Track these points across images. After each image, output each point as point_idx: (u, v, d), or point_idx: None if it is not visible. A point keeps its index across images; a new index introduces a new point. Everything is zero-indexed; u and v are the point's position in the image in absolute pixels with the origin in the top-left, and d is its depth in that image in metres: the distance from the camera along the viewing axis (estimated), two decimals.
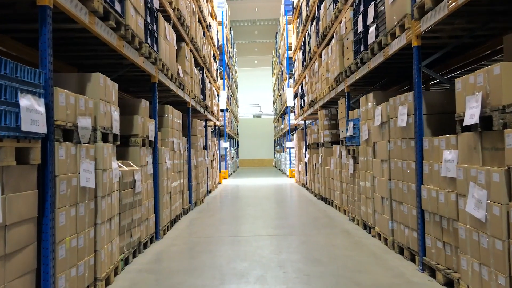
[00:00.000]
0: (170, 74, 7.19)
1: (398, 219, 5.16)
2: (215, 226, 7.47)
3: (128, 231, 4.99)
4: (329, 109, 10.32)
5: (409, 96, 4.67)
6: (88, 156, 3.69)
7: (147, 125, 5.91)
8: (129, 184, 4.97)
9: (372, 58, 5.94)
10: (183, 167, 8.77)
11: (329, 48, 9.14)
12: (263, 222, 7.85)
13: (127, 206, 4.89)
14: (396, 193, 5.19)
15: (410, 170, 4.71)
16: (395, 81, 8.28)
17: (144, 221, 5.69)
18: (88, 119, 3.68)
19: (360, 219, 7.00)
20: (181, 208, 8.52)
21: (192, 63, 9.79)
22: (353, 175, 7.48)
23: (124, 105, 5.73)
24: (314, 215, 8.51)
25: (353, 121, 7.26)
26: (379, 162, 5.82)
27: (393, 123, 5.23)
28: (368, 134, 6.43)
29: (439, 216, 4.08)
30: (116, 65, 6.23)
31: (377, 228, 6.07)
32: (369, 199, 6.43)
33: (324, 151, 10.31)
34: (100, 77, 4.02)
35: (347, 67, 7.31)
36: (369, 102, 6.41)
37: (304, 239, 6.25)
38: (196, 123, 10.68)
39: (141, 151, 5.61)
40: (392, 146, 5.29)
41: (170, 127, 7.42)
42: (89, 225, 3.75)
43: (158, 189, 6.41)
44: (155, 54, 6.06)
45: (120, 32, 4.56)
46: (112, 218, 4.35)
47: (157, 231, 6.36)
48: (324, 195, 10.56)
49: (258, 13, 28.77)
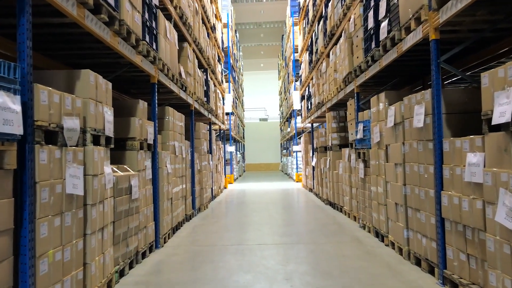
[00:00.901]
0: (171, 74, 6.88)
1: (415, 227, 4.78)
2: (218, 234, 7.13)
3: (124, 240, 4.65)
4: (337, 111, 9.96)
5: (427, 94, 4.30)
6: (76, 160, 3.36)
7: (146, 127, 5.59)
8: (125, 190, 4.64)
9: (384, 55, 5.59)
10: (185, 172, 8.44)
11: (337, 48, 8.79)
12: (269, 229, 7.48)
13: (122, 213, 4.56)
14: (412, 200, 4.82)
15: (428, 175, 4.34)
16: (406, 81, 7.91)
17: (142, 229, 5.36)
18: (75, 120, 3.36)
19: (372, 226, 6.61)
20: (183, 214, 8.18)
21: (195, 64, 9.48)
22: (363, 179, 7.11)
23: (120, 106, 5.42)
24: (322, 222, 8.14)
25: (363, 122, 6.89)
26: (392, 166, 5.46)
27: (408, 124, 4.86)
28: (380, 136, 6.06)
29: (462, 225, 3.70)
30: (114, 64, 5.93)
31: (390, 237, 5.69)
32: (381, 206, 6.05)
33: (332, 155, 9.94)
34: (90, 75, 3.70)
35: (357, 66, 6.96)
36: (381, 103, 6.05)
37: (313, 248, 5.89)
38: (200, 126, 10.35)
39: (138, 155, 5.29)
40: (407, 149, 4.91)
41: (171, 129, 7.10)
42: (77, 236, 3.42)
43: (157, 195, 6.08)
44: (154, 53, 5.75)
45: (114, 27, 4.25)
46: (105, 227, 4.03)
47: (157, 239, 6.03)
48: (332, 201, 10.18)
49: (264, 16, 28.49)
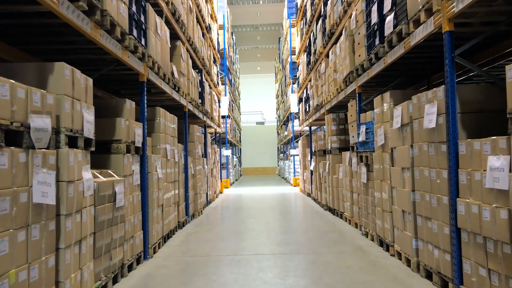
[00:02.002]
0: (162, 73, 6.48)
1: (425, 237, 4.38)
2: (212, 243, 6.71)
3: (107, 253, 4.23)
4: (337, 113, 9.57)
5: (439, 91, 3.92)
6: (46, 165, 2.95)
7: (133, 129, 5.19)
8: (108, 197, 4.23)
9: (390, 51, 5.21)
10: (178, 177, 8.03)
11: (337, 47, 8.42)
12: (266, 238, 7.07)
13: (104, 223, 4.15)
14: (422, 207, 4.42)
15: (441, 180, 3.94)
16: (411, 81, 7.54)
17: (128, 239, 4.94)
18: (46, 119, 2.95)
19: (375, 234, 6.21)
20: (176, 221, 7.76)
21: (189, 64, 9.08)
22: (366, 184, 6.71)
23: (105, 106, 5.02)
24: (322, 229, 7.73)
25: (366, 124, 6.51)
26: (398, 170, 5.07)
27: (417, 124, 4.48)
28: (385, 138, 5.68)
29: (482, 237, 3.31)
30: (99, 61, 5.52)
31: (396, 246, 5.29)
32: (386, 213, 5.66)
33: (332, 159, 9.55)
34: (65, 68, 3.30)
35: (359, 65, 6.58)
36: (385, 103, 5.67)
37: (313, 258, 5.48)
38: (194, 129, 9.95)
39: (125, 159, 4.88)
40: (416, 152, 4.52)
41: (162, 132, 6.69)
42: (48, 251, 3.01)
43: (146, 202, 5.66)
44: (142, 49, 5.35)
45: (95, 18, 3.86)
46: (84, 240, 3.61)
47: (146, 250, 5.60)
48: (332, 206, 9.77)
49: (261, 18, 28.17)
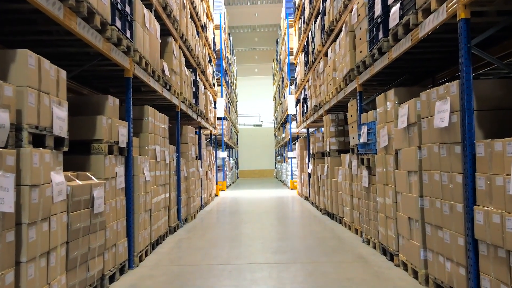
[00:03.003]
0: (151, 70, 6.08)
1: (435, 248, 3.98)
2: (204, 250, 6.29)
3: (83, 264, 3.82)
4: (336, 114, 9.19)
5: (453, 86, 3.53)
6: (3, 166, 2.54)
7: (117, 128, 4.78)
8: (84, 202, 3.81)
9: (395, 45, 4.82)
10: (169, 179, 7.61)
11: (336, 44, 8.04)
12: (262, 245, 6.66)
13: (80, 231, 3.73)
14: (432, 215, 4.02)
15: (455, 185, 3.55)
16: (414, 80, 7.16)
17: (110, 248, 4.52)
18: (2, 113, 2.54)
19: (378, 242, 5.81)
20: (166, 226, 7.34)
21: (182, 62, 8.68)
22: (367, 189, 6.31)
23: (85, 103, 4.62)
24: (320, 235, 7.33)
25: (368, 125, 6.12)
26: (404, 174, 4.67)
27: (426, 124, 4.08)
28: (388, 139, 5.29)
29: (505, 250, 2.91)
30: (81, 55, 5.12)
31: (401, 256, 4.89)
32: (389, 219, 5.26)
33: (331, 161, 9.15)
34: (29, 57, 2.89)
35: (360, 62, 6.20)
36: (389, 101, 5.28)
37: (311, 269, 5.07)
38: (187, 129, 9.53)
39: (106, 160, 4.47)
40: (425, 154, 4.13)
41: (151, 132, 6.27)
42: (5, 265, 2.59)
43: (132, 206, 5.25)
44: (127, 42, 4.95)
45: (69, 2, 3.45)
46: (53, 251, 3.20)
47: (130, 258, 5.18)
48: (330, 211, 9.37)
49: (258, 19, 27.82)
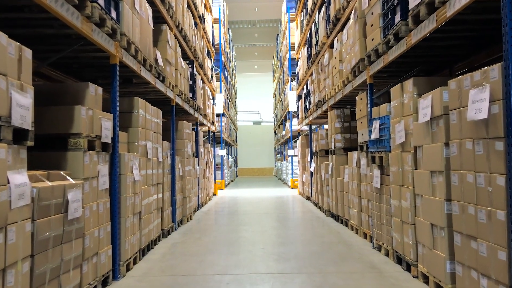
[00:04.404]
0: (141, 57, 5.51)
1: (466, 261, 3.42)
2: (199, 257, 5.73)
3: (54, 279, 3.25)
4: (342, 110, 8.62)
5: (493, 71, 2.96)
6: None
7: (99, 121, 4.21)
8: (56, 207, 3.25)
9: (415, 29, 4.26)
10: (163, 178, 7.04)
11: (343, 34, 7.47)
12: (262, 250, 6.10)
13: (50, 242, 3.17)
14: (463, 222, 3.46)
15: (495, 188, 2.98)
16: (428, 71, 6.61)
17: (90, 258, 3.96)
18: None
19: (391, 249, 5.26)
20: (159, 230, 6.77)
21: (177, 52, 8.11)
22: (379, 190, 5.75)
23: (62, 92, 4.05)
24: (326, 240, 6.76)
25: (380, 119, 5.56)
26: (426, 174, 4.11)
27: (456, 116, 3.51)
28: (405, 135, 4.73)
29: None
30: (61, 38, 4.54)
31: (421, 267, 4.33)
32: (406, 225, 4.70)
33: (336, 159, 8.58)
34: None
35: (372, 50, 5.63)
36: (406, 93, 4.72)
37: (319, 281, 4.51)
38: (183, 125, 8.95)
39: (86, 157, 3.90)
40: (454, 151, 3.56)
41: (141, 126, 5.71)
42: None
43: (117, 210, 4.68)
44: (112, 23, 4.37)
45: None
46: (10, 268, 2.63)
47: (115, 268, 4.62)
48: (335, 212, 8.81)
49: (258, 13, 27.19)
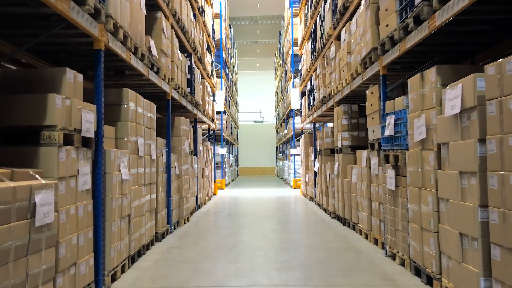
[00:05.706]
0: (131, 44, 4.98)
1: (507, 279, 2.88)
2: (195, 264, 5.20)
3: None
4: (349, 105, 8.08)
5: None
6: None
7: (78, 112, 3.68)
8: (19, 212, 2.72)
9: (440, 8, 3.72)
10: (156, 178, 6.52)
11: (352, 23, 6.93)
12: (264, 258, 5.57)
13: (10, 253, 2.64)
14: (502, 233, 2.91)
15: None
16: (447, 61, 6.05)
17: (67, 269, 3.44)
18: None
19: (408, 259, 4.72)
20: (152, 233, 6.25)
21: (174, 43, 7.58)
22: (394, 192, 5.21)
23: (34, 79, 3.53)
24: (333, 246, 6.23)
25: (395, 114, 5.02)
26: (454, 175, 3.57)
27: (495, 107, 2.97)
28: (427, 131, 4.20)
29: None
30: (38, 19, 4.00)
31: (446, 281, 3.79)
32: (427, 232, 4.17)
33: (343, 158, 8.05)
34: None
35: (386, 38, 5.09)
36: (428, 83, 4.18)
37: None
38: (180, 121, 8.43)
39: (61, 153, 3.37)
40: (492, 149, 3.02)
41: (132, 120, 5.18)
42: None
43: (101, 213, 4.15)
44: (95, 2, 3.83)
45: None
46: None
47: (99, 279, 4.09)
48: (341, 215, 8.27)
49: (260, 9, 26.65)
